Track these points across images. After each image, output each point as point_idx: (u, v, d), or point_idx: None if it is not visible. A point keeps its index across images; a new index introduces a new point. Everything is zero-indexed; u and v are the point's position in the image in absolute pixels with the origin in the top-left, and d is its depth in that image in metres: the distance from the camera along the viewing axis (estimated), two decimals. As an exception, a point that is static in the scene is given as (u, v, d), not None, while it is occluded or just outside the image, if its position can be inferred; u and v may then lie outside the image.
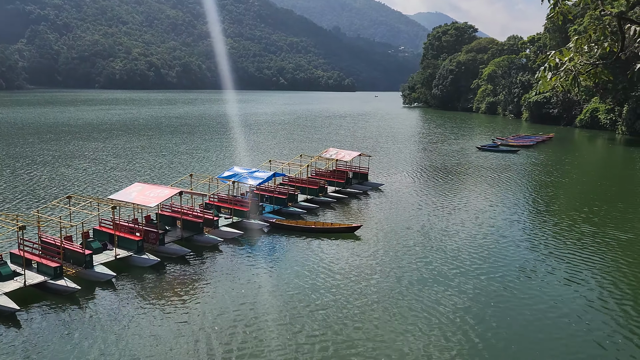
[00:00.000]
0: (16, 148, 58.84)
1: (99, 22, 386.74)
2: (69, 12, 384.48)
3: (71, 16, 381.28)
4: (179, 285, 21.27)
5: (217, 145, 65.70)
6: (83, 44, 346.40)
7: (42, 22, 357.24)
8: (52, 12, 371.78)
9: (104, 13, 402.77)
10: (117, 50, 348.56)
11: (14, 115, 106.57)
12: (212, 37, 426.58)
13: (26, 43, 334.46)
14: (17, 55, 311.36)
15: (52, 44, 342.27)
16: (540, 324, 18.11)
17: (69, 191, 36.41)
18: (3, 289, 19.19)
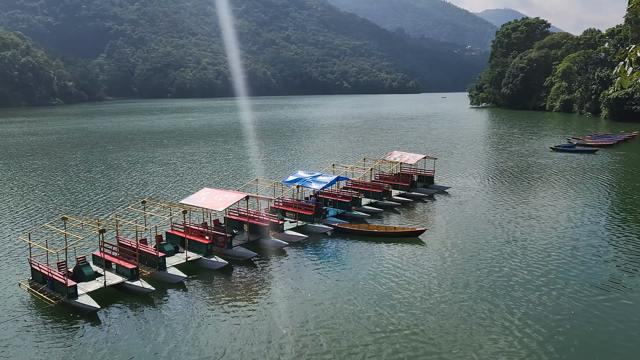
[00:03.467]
0: (96, 155, 62.77)
1: (171, 34, 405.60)
2: (144, 27, 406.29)
3: (145, 30, 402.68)
4: (247, 288, 21.82)
5: (282, 150, 66.89)
6: (156, 56, 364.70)
7: (119, 37, 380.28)
8: (129, 27, 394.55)
9: (175, 26, 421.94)
10: (188, 60, 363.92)
11: (96, 125, 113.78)
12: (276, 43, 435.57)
13: (106, 57, 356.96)
14: (98, 69, 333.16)
15: (129, 57, 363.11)
16: (625, 343, 16.99)
17: (143, 196, 38.36)
18: (86, 289, 20.51)
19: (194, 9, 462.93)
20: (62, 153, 65.48)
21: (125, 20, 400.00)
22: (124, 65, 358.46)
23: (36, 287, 20.96)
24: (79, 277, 21.34)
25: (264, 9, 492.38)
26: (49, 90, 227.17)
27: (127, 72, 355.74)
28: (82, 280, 21.17)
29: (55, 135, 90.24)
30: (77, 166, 54.49)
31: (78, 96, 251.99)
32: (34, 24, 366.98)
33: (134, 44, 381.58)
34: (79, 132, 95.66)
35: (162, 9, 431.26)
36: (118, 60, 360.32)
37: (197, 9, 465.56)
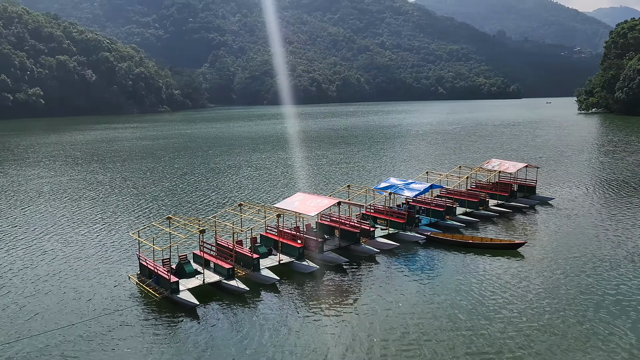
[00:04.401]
0: (198, 158, 66.51)
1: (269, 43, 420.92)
2: (244, 37, 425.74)
3: (245, 40, 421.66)
4: (337, 293, 21.88)
5: (374, 156, 66.61)
6: (254, 65, 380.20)
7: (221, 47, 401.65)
8: (230, 37, 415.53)
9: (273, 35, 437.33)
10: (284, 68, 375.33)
11: (199, 130, 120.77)
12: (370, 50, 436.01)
13: (208, 67, 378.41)
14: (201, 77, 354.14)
15: (229, 66, 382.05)
16: None
17: (240, 198, 39.95)
18: (187, 285, 21.70)
19: (291, 18, 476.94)
20: (168, 156, 70.17)
21: (228, 31, 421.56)
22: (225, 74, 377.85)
23: (143, 281, 22.53)
24: (180, 273, 22.63)
25: (359, 16, 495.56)
26: (158, 98, 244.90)
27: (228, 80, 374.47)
28: (183, 276, 22.42)
29: (163, 140, 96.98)
30: (181, 169, 58.07)
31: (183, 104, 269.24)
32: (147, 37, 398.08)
33: (235, 53, 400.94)
34: (184, 137, 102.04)
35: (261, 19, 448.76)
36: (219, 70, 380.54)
37: (294, 18, 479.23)
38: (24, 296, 21.77)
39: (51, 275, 24.22)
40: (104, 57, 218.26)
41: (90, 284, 23.14)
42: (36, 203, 40.28)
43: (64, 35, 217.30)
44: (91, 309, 20.38)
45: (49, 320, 19.48)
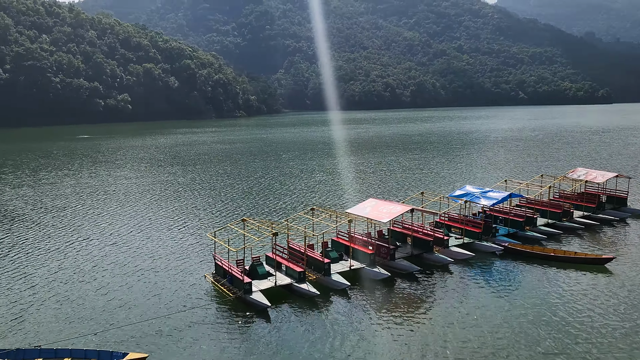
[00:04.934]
0: (272, 162, 67.92)
1: (343, 49, 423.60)
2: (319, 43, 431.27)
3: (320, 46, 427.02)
4: (408, 302, 21.43)
5: (450, 163, 64.88)
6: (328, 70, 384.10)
7: (297, 54, 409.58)
8: (305, 44, 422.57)
9: (348, 40, 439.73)
10: (357, 73, 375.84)
11: (274, 135, 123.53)
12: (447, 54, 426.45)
13: (284, 73, 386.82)
14: (276, 83, 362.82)
15: (304, 72, 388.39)
16: None
17: (312, 203, 40.29)
18: (259, 287, 22.12)
19: (366, 23, 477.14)
20: (244, 160, 72.26)
21: (303, 37, 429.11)
22: (299, 79, 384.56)
23: (218, 280, 23.24)
24: (253, 275, 23.12)
25: (436, 20, 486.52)
26: (235, 104, 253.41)
27: (302, 86, 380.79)
28: (256, 278, 22.89)
29: (240, 144, 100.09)
30: (256, 172, 59.58)
31: (258, 109, 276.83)
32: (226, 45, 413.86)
33: (309, 59, 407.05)
34: (259, 142, 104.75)
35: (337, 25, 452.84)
36: (294, 75, 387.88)
37: (370, 23, 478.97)
38: (114, 289, 23.16)
39: (136, 270, 25.60)
40: (186, 65, 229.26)
41: (170, 280, 24.21)
42: (123, 203, 42.84)
43: (151, 44, 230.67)
44: (169, 305, 21.29)
45: (131, 313, 20.58)
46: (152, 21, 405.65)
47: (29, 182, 53.54)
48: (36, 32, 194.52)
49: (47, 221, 36.10)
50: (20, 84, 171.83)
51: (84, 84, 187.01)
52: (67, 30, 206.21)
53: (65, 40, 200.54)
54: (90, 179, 55.46)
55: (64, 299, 22.02)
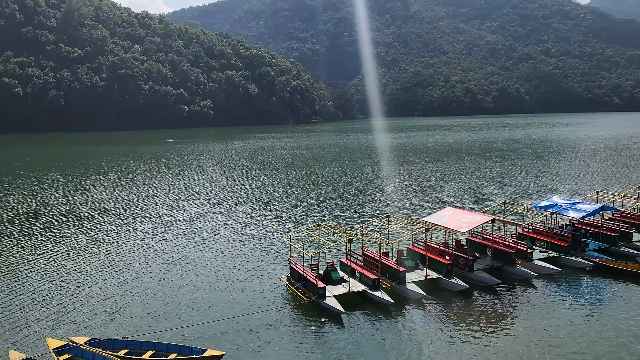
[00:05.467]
0: (347, 168, 67.95)
1: (422, 54, 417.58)
2: (397, 49, 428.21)
3: (398, 52, 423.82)
4: (487, 316, 20.53)
5: (535, 172, 61.72)
6: (406, 76, 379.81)
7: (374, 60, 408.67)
8: (383, 50, 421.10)
9: (427, 45, 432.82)
10: (436, 79, 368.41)
11: (349, 141, 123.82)
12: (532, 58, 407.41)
13: (361, 79, 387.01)
14: (353, 89, 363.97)
15: (381, 78, 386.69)
16: None
17: (387, 210, 39.82)
18: (333, 292, 22.13)
19: (447, 28, 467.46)
20: (320, 165, 72.98)
21: (381, 43, 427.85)
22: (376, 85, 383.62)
23: (292, 284, 23.52)
24: (327, 280, 23.16)
25: (521, 23, 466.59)
26: (312, 110, 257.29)
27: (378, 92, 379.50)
28: (330, 283, 22.92)
29: (316, 149, 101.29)
30: (331, 178, 59.93)
31: (335, 115, 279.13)
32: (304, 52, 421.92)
33: (387, 65, 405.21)
34: (335, 147, 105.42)
35: (416, 30, 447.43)
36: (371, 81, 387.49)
37: (450, 27, 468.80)
38: (195, 288, 24.11)
39: (216, 270, 26.51)
40: (266, 72, 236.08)
41: (247, 281, 24.84)
42: (206, 204, 44.64)
43: (233, 52, 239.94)
44: (246, 305, 21.82)
45: (210, 311, 21.32)
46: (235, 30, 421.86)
47: (121, 183, 57.24)
48: (129, 42, 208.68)
49: (137, 220, 38.36)
50: (114, 91, 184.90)
51: (170, 91, 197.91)
52: (157, 40, 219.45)
53: (155, 50, 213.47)
54: (175, 181, 58.35)
55: (151, 295, 23.22)
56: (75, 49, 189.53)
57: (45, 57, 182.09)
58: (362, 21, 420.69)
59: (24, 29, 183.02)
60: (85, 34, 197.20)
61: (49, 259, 28.49)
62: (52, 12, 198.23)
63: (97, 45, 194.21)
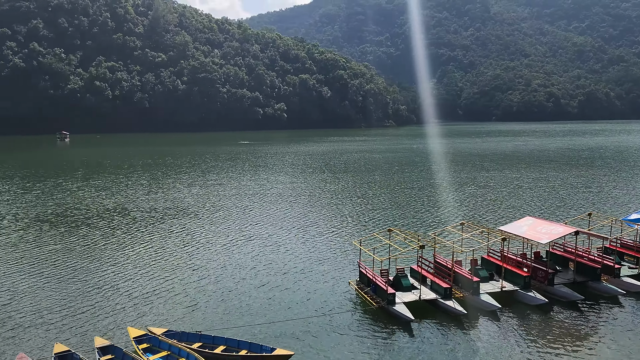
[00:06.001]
0: (419, 173, 66.71)
1: (502, 57, 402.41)
2: (475, 51, 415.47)
3: (476, 54, 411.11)
4: (568, 333, 19.33)
5: (625, 182, 57.55)
6: (484, 80, 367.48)
7: (450, 63, 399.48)
8: (461, 52, 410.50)
9: (507, 48, 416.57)
10: (517, 82, 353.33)
11: (423, 145, 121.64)
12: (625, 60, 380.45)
13: (436, 82, 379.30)
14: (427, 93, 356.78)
15: (457, 81, 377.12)
16: None
17: (461, 217, 38.63)
18: (403, 299, 21.74)
19: (530, 29, 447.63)
20: (392, 169, 72.18)
21: (458, 46, 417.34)
22: (452, 89, 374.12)
23: (362, 288, 23.36)
24: (397, 286, 22.80)
25: (613, 23, 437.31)
26: (384, 113, 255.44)
27: (454, 95, 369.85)
28: (399, 289, 22.55)
29: (389, 153, 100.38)
30: (403, 182, 59.08)
31: (408, 119, 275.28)
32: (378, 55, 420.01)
33: (464, 68, 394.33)
34: (408, 152, 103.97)
35: (496, 32, 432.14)
36: (447, 85, 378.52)
37: (533, 29, 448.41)
38: (268, 287, 24.56)
39: (287, 271, 26.90)
40: (339, 75, 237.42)
41: (317, 283, 24.99)
42: (279, 205, 45.47)
43: (307, 56, 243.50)
44: (315, 307, 21.94)
45: (280, 311, 21.64)
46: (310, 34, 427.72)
47: (199, 182, 59.66)
48: (209, 47, 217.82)
49: (214, 219, 39.78)
50: (194, 93, 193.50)
51: (246, 94, 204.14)
52: (235, 45, 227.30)
53: (233, 54, 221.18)
54: (250, 181, 59.96)
55: (225, 292, 23.89)
56: (160, 54, 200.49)
57: (133, 62, 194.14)
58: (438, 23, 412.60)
59: (115, 36, 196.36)
60: (169, 40, 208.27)
61: (133, 253, 30.19)
62: (140, 19, 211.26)
63: (179, 50, 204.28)
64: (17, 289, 24.14)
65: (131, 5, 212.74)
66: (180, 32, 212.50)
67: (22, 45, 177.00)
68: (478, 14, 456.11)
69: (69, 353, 17.07)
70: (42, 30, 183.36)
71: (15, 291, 23.88)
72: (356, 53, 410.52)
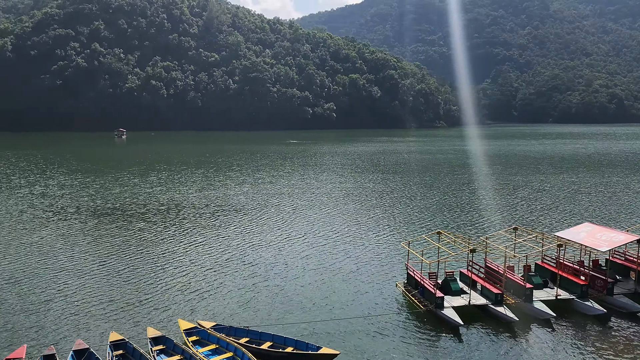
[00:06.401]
0: (472, 175, 65.12)
1: (561, 56, 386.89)
2: (532, 51, 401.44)
3: (533, 54, 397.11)
4: (628, 346, 18.36)
5: (692, 189, 54.14)
6: (541, 80, 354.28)
7: (506, 62, 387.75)
8: (517, 52, 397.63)
9: (567, 47, 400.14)
10: (576, 83, 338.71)
11: (475, 147, 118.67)
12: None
13: (490, 82, 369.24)
14: (481, 93, 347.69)
15: (513, 81, 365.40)
16: None
17: (514, 221, 37.42)
18: (451, 303, 21.28)
19: (592, 27, 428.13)
20: (442, 171, 70.88)
21: (514, 45, 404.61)
22: (507, 89, 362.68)
23: (409, 290, 23.05)
24: (445, 290, 22.34)
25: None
26: (435, 114, 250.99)
27: (509, 96, 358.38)
28: (448, 293, 22.08)
29: (439, 154, 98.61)
30: (453, 184, 57.87)
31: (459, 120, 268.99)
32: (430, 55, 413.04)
33: (520, 68, 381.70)
34: (460, 153, 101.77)
35: (555, 31, 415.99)
36: (501, 85, 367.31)
37: (596, 27, 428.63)
38: (315, 286, 24.73)
39: (333, 271, 26.94)
40: (390, 75, 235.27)
41: (364, 283, 24.87)
42: (328, 205, 45.57)
43: (358, 55, 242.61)
44: (362, 308, 21.84)
45: (327, 310, 21.70)
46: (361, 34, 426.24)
47: (250, 180, 60.63)
48: (261, 47, 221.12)
49: (264, 217, 40.29)
50: (245, 93, 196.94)
51: (296, 94, 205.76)
52: (286, 44, 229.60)
53: (284, 54, 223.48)
54: (299, 181, 60.39)
55: (274, 289, 24.16)
56: (213, 54, 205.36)
57: (187, 62, 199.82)
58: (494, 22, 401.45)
59: (171, 36, 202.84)
60: (222, 40, 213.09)
61: (185, 248, 31.04)
62: (195, 19, 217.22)
63: (232, 50, 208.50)
64: (80, 279, 25.30)
65: (187, 7, 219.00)
66: (233, 33, 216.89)
67: (84, 45, 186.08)
68: (536, 11, 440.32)
69: (123, 342, 17.74)
70: (103, 31, 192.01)
71: (78, 281, 25.05)
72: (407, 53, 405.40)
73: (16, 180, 58.35)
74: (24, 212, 40.87)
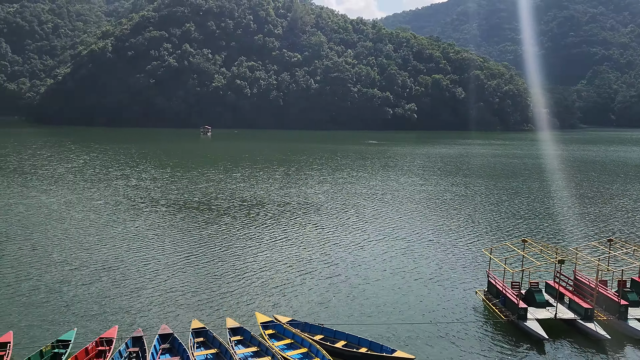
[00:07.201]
0: (564, 182, 61.40)
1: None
2: (635, 50, 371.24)
3: (636, 53, 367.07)
4: None
5: None
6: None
7: (604, 63, 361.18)
8: (617, 51, 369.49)
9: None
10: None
11: (569, 153, 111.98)
12: None
13: (585, 84, 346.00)
14: (575, 95, 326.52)
15: (612, 83, 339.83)
16: None
17: (610, 233, 34.89)
18: (536, 315, 20.22)
19: None
20: (530, 176, 67.47)
21: (614, 44, 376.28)
22: (605, 91, 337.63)
23: (489, 299, 22.18)
24: (529, 301, 21.27)
25: None
26: (523, 116, 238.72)
27: (607, 99, 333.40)
28: (532, 305, 21.01)
29: (528, 159, 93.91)
30: (541, 190, 54.92)
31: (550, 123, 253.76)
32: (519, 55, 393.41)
33: (620, 68, 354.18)
34: (549, 158, 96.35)
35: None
36: (598, 87, 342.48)
37: None
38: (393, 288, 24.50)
39: (412, 274, 26.51)
40: (475, 75, 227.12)
41: (442, 289, 24.31)
42: (409, 208, 44.91)
43: (442, 55, 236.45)
44: (439, 313, 21.35)
45: (403, 314, 21.44)
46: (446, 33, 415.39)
47: (330, 179, 61.08)
48: (343, 47, 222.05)
49: (345, 217, 40.30)
50: (326, 92, 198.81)
51: (377, 94, 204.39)
52: (369, 44, 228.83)
53: (366, 54, 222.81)
54: (380, 182, 59.97)
55: (352, 290, 24.15)
56: (296, 54, 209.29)
57: (271, 62, 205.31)
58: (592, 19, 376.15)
59: (256, 37, 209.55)
60: (305, 40, 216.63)
61: (267, 244, 31.89)
62: (280, 20, 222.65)
63: (314, 50, 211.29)
64: (168, 269, 26.82)
65: (272, 8, 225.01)
66: (316, 33, 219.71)
67: (176, 46, 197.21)
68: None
69: (203, 330, 18.57)
70: (193, 32, 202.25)
71: (166, 270, 26.56)
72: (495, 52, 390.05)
73: (113, 173, 62.82)
74: (120, 203, 43.91)
